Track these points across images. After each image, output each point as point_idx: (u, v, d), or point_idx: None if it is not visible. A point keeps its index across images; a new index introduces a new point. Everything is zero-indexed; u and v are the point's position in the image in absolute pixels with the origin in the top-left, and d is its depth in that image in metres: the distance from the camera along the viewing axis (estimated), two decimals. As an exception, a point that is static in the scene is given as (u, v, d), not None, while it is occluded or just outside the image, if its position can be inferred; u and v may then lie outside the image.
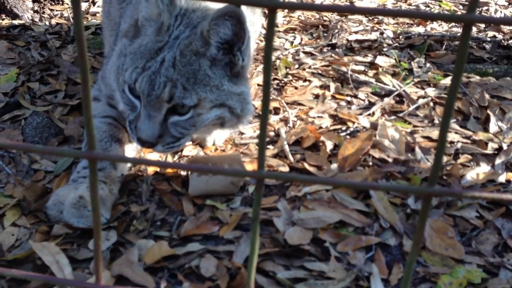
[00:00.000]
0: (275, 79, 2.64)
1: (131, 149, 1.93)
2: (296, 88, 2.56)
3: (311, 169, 1.93)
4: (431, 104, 2.43)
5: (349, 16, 3.58)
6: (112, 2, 2.24)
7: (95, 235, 0.64)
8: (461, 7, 3.91)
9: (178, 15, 1.66)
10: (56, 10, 3.57)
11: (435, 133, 2.17)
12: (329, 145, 2.04)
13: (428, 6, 3.94)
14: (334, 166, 1.93)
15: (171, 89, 1.58)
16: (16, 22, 3.34)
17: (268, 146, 2.10)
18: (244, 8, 2.14)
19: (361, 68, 2.77)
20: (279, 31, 3.31)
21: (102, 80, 2.02)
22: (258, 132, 2.21)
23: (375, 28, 3.36)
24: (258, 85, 2.53)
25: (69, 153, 0.64)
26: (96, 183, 0.61)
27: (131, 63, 1.64)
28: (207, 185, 1.80)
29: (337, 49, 3.03)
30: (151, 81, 1.58)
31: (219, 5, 1.60)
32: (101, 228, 0.66)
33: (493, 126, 2.24)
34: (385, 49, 3.03)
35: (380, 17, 3.63)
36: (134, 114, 1.67)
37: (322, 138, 2.07)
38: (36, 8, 3.51)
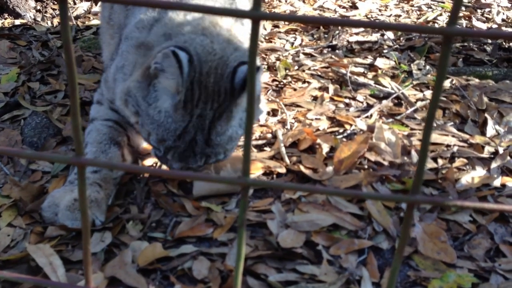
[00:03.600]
0: (274, 80, 2.65)
1: (130, 153, 1.94)
2: (294, 89, 2.57)
3: (306, 171, 1.93)
4: (429, 107, 2.43)
5: (350, 17, 3.58)
6: (114, 7, 2.22)
7: (84, 239, 0.65)
8: (463, 8, 3.90)
9: (194, 81, 1.62)
10: (59, 10, 3.58)
11: (432, 136, 2.17)
12: (325, 148, 2.05)
13: (430, 7, 3.93)
14: (330, 168, 1.94)
15: (206, 159, 1.71)
16: (18, 21, 3.36)
17: (265, 148, 2.11)
18: (245, 4, 2.14)
19: (361, 70, 2.78)
20: (279, 32, 3.32)
21: (105, 85, 2.03)
22: (259, 134, 2.22)
23: (376, 30, 3.36)
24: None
25: (58, 159, 0.65)
26: (84, 189, 0.62)
27: (153, 131, 1.67)
28: (211, 185, 1.82)
29: (337, 51, 3.04)
30: (185, 157, 1.68)
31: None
32: (89, 232, 0.67)
33: (491, 129, 2.24)
34: (385, 51, 3.03)
35: (381, 18, 3.63)
36: (162, 152, 1.73)
37: (318, 140, 2.08)
38: (38, 7, 3.52)
